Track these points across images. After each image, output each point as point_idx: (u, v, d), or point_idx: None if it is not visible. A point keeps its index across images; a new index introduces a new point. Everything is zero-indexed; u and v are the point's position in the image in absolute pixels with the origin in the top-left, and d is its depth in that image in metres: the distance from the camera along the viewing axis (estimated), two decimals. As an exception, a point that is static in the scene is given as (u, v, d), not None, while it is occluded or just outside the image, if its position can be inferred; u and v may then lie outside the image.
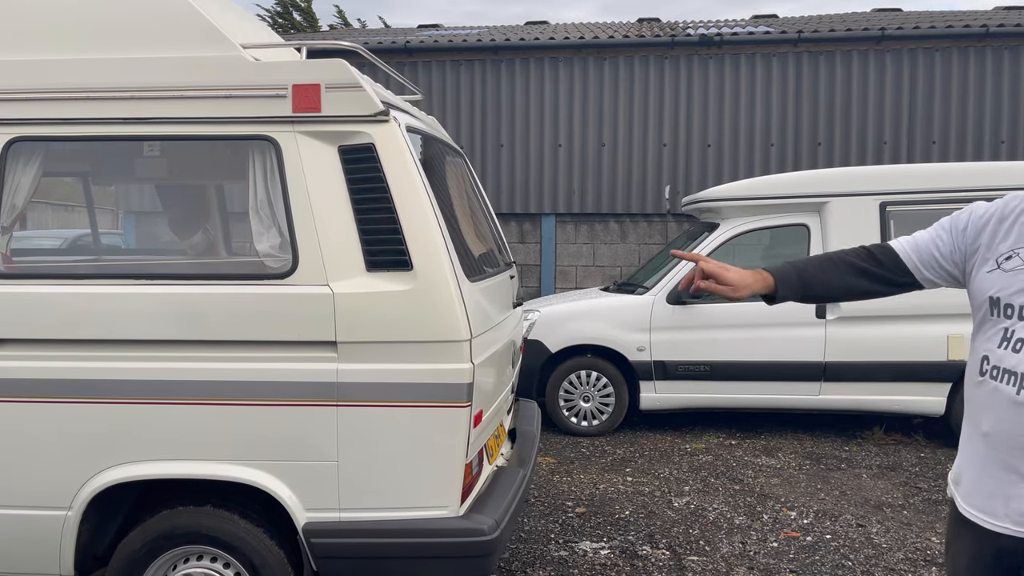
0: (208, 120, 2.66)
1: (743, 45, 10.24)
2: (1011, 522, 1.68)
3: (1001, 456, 1.69)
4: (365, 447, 2.59)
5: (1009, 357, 1.67)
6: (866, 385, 6.09)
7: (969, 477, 1.79)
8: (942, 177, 6.11)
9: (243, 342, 2.60)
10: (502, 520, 2.69)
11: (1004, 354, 1.68)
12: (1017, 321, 1.68)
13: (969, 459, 1.79)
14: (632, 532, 4.33)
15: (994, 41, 9.81)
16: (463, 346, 2.59)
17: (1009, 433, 1.67)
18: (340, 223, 2.61)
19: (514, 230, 10.88)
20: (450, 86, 10.83)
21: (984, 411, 1.73)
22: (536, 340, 6.48)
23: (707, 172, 10.37)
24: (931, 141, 9.96)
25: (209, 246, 3.67)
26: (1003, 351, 1.69)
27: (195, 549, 2.71)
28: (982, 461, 1.74)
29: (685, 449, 6.05)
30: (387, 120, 2.64)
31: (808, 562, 3.94)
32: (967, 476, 1.79)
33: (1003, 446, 1.69)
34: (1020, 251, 1.72)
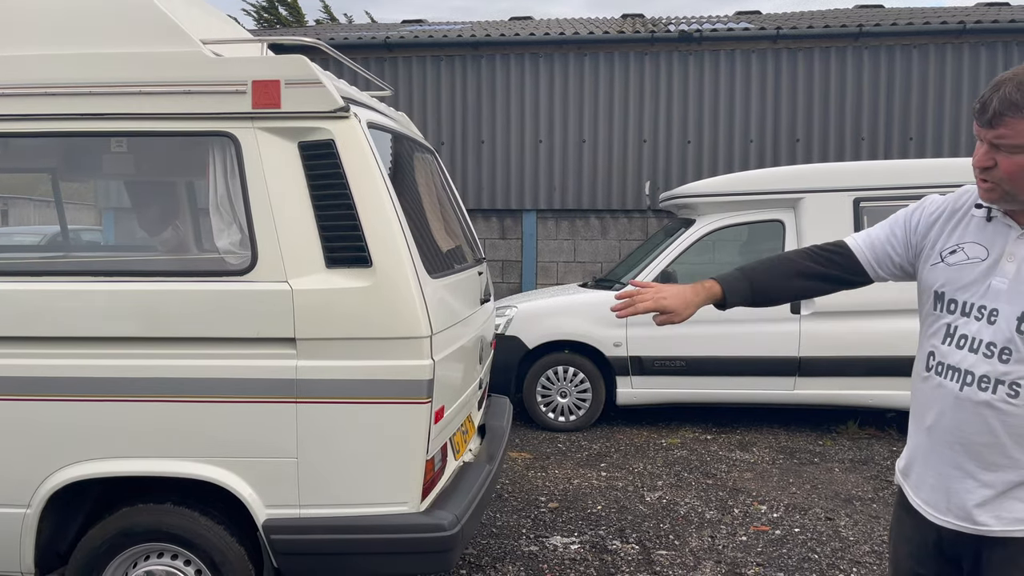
0: (168, 116, 2.65)
1: (723, 41, 10.27)
2: (953, 516, 1.70)
3: (943, 451, 1.71)
4: (325, 443, 2.60)
5: (953, 353, 1.69)
6: (840, 380, 6.14)
7: (916, 469, 1.81)
8: (915, 173, 6.16)
9: (202, 339, 2.60)
10: (463, 516, 2.70)
11: (948, 350, 1.70)
12: (960, 317, 1.69)
13: (915, 452, 1.82)
14: (603, 527, 4.36)
15: (971, 38, 9.88)
16: (423, 342, 2.59)
17: (951, 429, 1.69)
18: (300, 220, 2.61)
19: (495, 226, 10.88)
20: (431, 82, 10.80)
21: (928, 406, 1.75)
22: (513, 336, 6.50)
23: (687, 168, 10.40)
24: (908, 138, 10.03)
25: (179, 243, 3.66)
26: (947, 347, 1.70)
27: (156, 546, 2.71)
28: (926, 455, 1.76)
29: (660, 444, 6.08)
30: (347, 116, 2.63)
31: (775, 555, 3.98)
32: (914, 468, 1.82)
33: (945, 441, 1.71)
34: (965, 246, 1.73)
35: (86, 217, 4.41)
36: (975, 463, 1.66)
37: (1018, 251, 1.63)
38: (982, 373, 1.62)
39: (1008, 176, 1.57)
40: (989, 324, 1.63)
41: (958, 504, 1.69)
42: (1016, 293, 1.60)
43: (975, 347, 1.64)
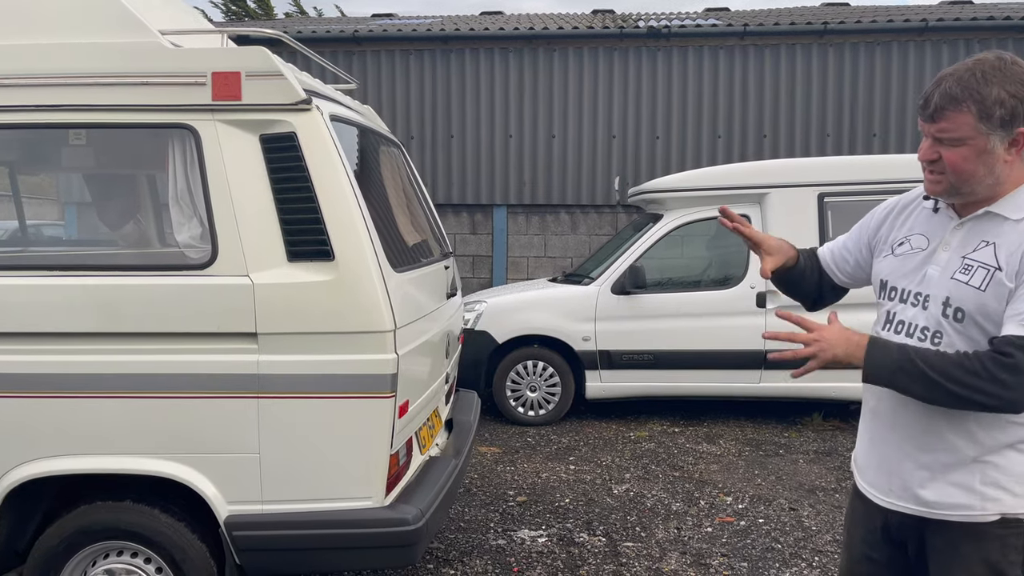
0: (126, 108, 2.61)
1: (691, 37, 10.33)
2: (895, 497, 1.75)
3: (885, 434, 1.77)
4: (288, 439, 2.58)
5: (892, 338, 1.74)
6: (805, 372, 6.21)
7: (863, 453, 1.87)
8: (878, 168, 6.25)
9: (162, 334, 2.57)
10: (428, 510, 2.69)
11: (888, 335, 1.76)
12: (898, 303, 1.76)
13: (862, 436, 1.89)
14: (571, 520, 4.38)
15: (933, 35, 10.04)
16: (386, 337, 2.58)
17: (890, 411, 1.75)
18: (261, 213, 2.58)
19: (466, 221, 10.87)
20: (399, 76, 10.75)
21: (872, 390, 1.82)
22: (483, 331, 6.50)
23: (656, 163, 10.46)
24: (872, 134, 10.18)
25: (140, 237, 3.60)
26: (887, 333, 1.76)
27: (115, 544, 2.67)
28: (871, 438, 1.83)
29: (629, 437, 6.12)
30: (309, 109, 2.61)
31: (739, 546, 4.03)
32: (862, 452, 1.88)
33: (886, 424, 1.77)
34: (912, 237, 1.80)
35: (47, 211, 4.33)
36: (912, 445, 1.71)
37: (953, 240, 1.69)
38: None
39: (952, 168, 1.62)
40: (923, 310, 1.69)
41: (900, 486, 1.75)
42: (944, 279, 1.66)
43: (911, 332, 1.70)
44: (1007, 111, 1.55)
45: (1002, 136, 1.58)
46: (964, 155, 1.60)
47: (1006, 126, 1.57)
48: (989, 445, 1.63)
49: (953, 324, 1.63)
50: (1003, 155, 1.60)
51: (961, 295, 1.62)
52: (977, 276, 1.61)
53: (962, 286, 1.62)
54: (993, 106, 1.55)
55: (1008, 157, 1.60)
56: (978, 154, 1.59)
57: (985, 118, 1.56)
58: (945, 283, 1.66)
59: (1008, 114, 1.55)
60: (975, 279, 1.61)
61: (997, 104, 1.55)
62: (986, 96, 1.55)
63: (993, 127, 1.57)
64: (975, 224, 1.67)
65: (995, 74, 1.56)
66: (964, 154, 1.60)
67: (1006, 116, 1.56)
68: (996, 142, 1.58)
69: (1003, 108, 1.55)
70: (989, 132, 1.57)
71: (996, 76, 1.56)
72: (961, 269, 1.64)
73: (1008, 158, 1.60)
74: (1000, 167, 1.61)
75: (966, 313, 1.61)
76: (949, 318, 1.64)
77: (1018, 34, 9.94)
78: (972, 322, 1.61)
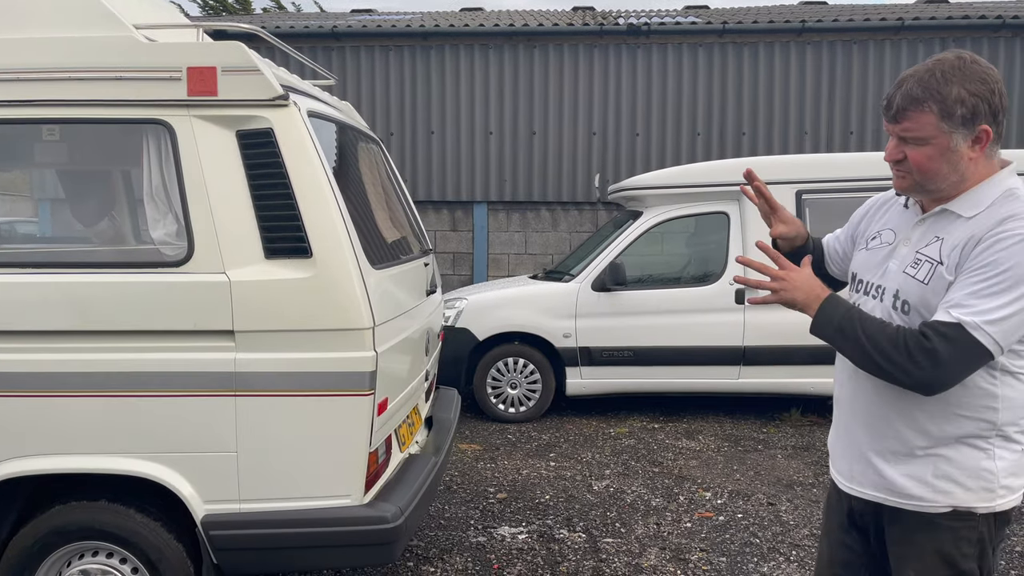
0: (99, 103, 2.58)
1: (670, 35, 10.37)
2: (855, 483, 1.82)
3: (848, 422, 1.85)
4: (265, 437, 2.56)
5: None
6: (784, 368, 6.27)
7: (831, 440, 1.94)
8: (854, 166, 6.31)
9: (137, 332, 2.54)
10: (407, 508, 2.68)
11: None
12: (862, 296, 1.84)
13: (833, 425, 1.93)
14: (551, 516, 4.39)
15: (909, 34, 10.15)
16: (365, 334, 2.57)
17: (849, 400, 1.82)
18: (238, 209, 2.56)
19: (446, 218, 10.85)
20: (379, 72, 10.70)
21: (838, 379, 1.90)
22: (463, 328, 6.49)
23: (636, 161, 10.49)
24: (849, 131, 10.28)
25: (115, 233, 3.56)
26: None
27: (90, 545, 2.64)
28: (837, 427, 1.91)
29: (609, 433, 6.14)
30: (286, 104, 2.59)
31: (718, 541, 4.05)
32: (831, 440, 1.95)
33: (848, 411, 1.85)
34: (883, 232, 1.86)
35: (20, 208, 4.26)
36: (866, 433, 1.77)
37: (913, 235, 1.75)
38: None
39: (917, 167, 1.66)
40: (880, 302, 1.75)
41: (860, 472, 1.80)
42: (898, 273, 1.72)
43: None
44: (968, 109, 1.59)
45: (964, 134, 1.61)
46: (928, 154, 1.63)
47: (968, 124, 1.60)
48: (938, 436, 1.67)
49: (901, 316, 1.69)
50: (967, 152, 1.63)
51: (908, 288, 1.68)
52: (923, 270, 1.67)
53: (909, 279, 1.69)
54: (954, 105, 1.58)
55: (972, 154, 1.64)
56: (942, 152, 1.63)
57: (947, 117, 1.59)
58: (898, 276, 1.72)
59: (969, 112, 1.59)
60: (921, 273, 1.67)
61: (958, 103, 1.58)
62: (947, 95, 1.58)
63: (955, 126, 1.60)
64: (934, 220, 1.72)
65: (955, 73, 1.59)
66: (928, 153, 1.63)
67: (967, 114, 1.59)
68: (959, 140, 1.62)
69: (964, 107, 1.58)
70: (951, 131, 1.61)
71: (956, 75, 1.59)
72: (912, 263, 1.70)
73: (972, 155, 1.64)
74: (964, 164, 1.64)
75: (911, 305, 1.68)
76: (898, 310, 1.70)
77: (992, 33, 10.07)
78: (917, 314, 1.66)
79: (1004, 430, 1.66)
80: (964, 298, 1.56)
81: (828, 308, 1.69)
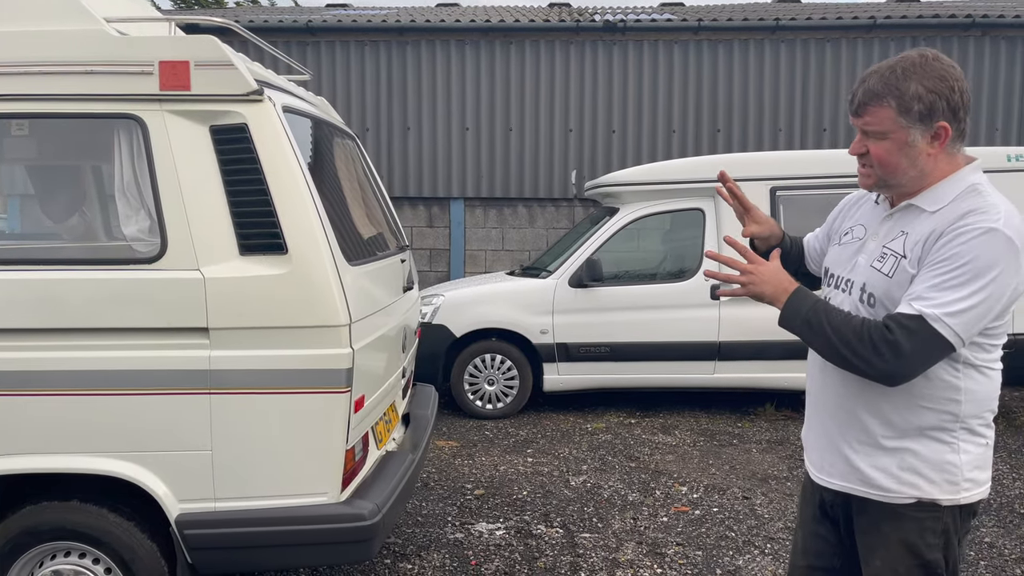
0: (70, 97, 2.54)
1: (646, 32, 10.41)
2: (825, 474, 1.87)
3: (818, 413, 1.90)
4: (241, 435, 2.54)
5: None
6: (758, 364, 6.33)
7: (804, 432, 1.98)
8: (828, 163, 6.37)
9: (110, 329, 2.50)
10: (384, 505, 2.68)
11: None
12: (833, 289, 1.88)
13: (805, 418, 1.97)
14: (528, 512, 4.39)
15: (881, 33, 10.27)
16: (341, 331, 2.55)
17: (819, 393, 1.87)
18: (212, 206, 2.53)
19: (423, 214, 10.81)
20: (355, 67, 10.63)
21: (810, 372, 1.94)
22: (441, 324, 6.48)
23: (612, 157, 10.52)
24: (822, 128, 10.38)
25: (86, 230, 3.51)
26: None
27: (62, 545, 2.60)
28: (809, 418, 1.95)
29: (586, 429, 6.16)
30: (261, 100, 2.57)
31: (694, 535, 4.09)
32: (804, 432, 1.98)
33: (817, 403, 1.89)
34: (854, 228, 1.91)
35: (9, 204, 4.19)
36: (834, 424, 1.81)
37: (881, 230, 1.79)
38: None
39: (878, 161, 1.71)
40: (848, 295, 1.79)
41: (829, 462, 1.84)
42: (866, 267, 1.76)
43: None
44: (925, 106, 1.63)
45: (922, 130, 1.66)
46: (887, 148, 1.68)
47: (925, 120, 1.65)
48: (902, 427, 1.71)
49: (867, 308, 1.73)
50: (925, 148, 1.67)
51: (874, 281, 1.73)
52: (887, 264, 1.71)
53: (875, 273, 1.73)
54: (911, 101, 1.63)
55: (931, 151, 1.68)
56: (900, 147, 1.67)
57: (904, 112, 1.64)
58: (865, 270, 1.76)
59: (926, 108, 1.63)
60: (886, 266, 1.71)
61: (915, 99, 1.63)
62: (904, 91, 1.63)
63: (912, 121, 1.65)
64: (900, 215, 1.76)
65: (914, 70, 1.64)
66: (887, 147, 1.68)
67: (924, 110, 1.63)
68: (917, 136, 1.66)
69: (921, 103, 1.63)
70: (909, 126, 1.65)
71: (915, 72, 1.64)
72: (878, 257, 1.74)
73: (931, 151, 1.68)
74: (923, 160, 1.68)
75: (876, 298, 1.72)
76: (864, 303, 1.74)
77: (962, 32, 10.22)
78: (882, 306, 1.70)
79: (968, 423, 1.69)
80: (925, 291, 1.60)
81: (795, 301, 1.73)
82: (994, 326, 1.65)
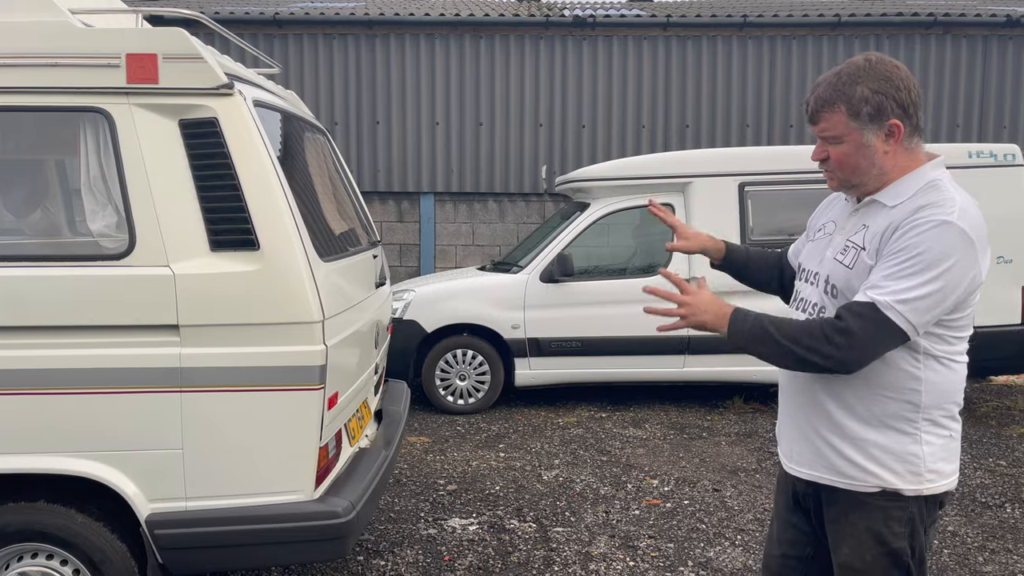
0: (33, 90, 2.48)
1: (615, 27, 10.45)
2: (795, 463, 1.92)
3: (789, 406, 1.94)
4: (213, 434, 2.51)
5: (796, 314, 1.90)
6: (727, 357, 6.40)
7: (778, 425, 2.01)
8: (796, 159, 6.45)
9: (76, 327, 2.46)
10: (358, 502, 2.66)
11: (794, 312, 1.93)
12: (803, 283, 1.93)
13: (779, 409, 2.00)
14: (501, 507, 4.40)
15: (846, 30, 10.42)
16: (315, 327, 2.53)
17: (792, 384, 1.91)
18: (182, 201, 2.50)
19: (392, 209, 10.75)
20: (323, 60, 10.53)
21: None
22: (412, 320, 6.45)
23: (582, 152, 10.55)
24: (789, 125, 10.51)
25: (50, 225, 3.43)
26: (794, 310, 1.95)
27: (29, 547, 2.56)
28: (783, 410, 1.98)
29: (557, 423, 6.19)
30: (231, 93, 2.53)
31: (666, 527, 4.13)
32: (778, 424, 2.02)
33: (787, 396, 1.93)
34: (826, 224, 1.96)
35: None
36: (803, 415, 1.86)
37: (847, 225, 1.85)
38: None
39: (838, 164, 1.77)
40: (814, 287, 1.85)
41: (799, 451, 1.89)
42: (831, 260, 1.82)
43: (806, 308, 1.87)
44: (872, 107, 1.69)
45: (875, 130, 1.71)
46: (845, 151, 1.74)
47: (875, 120, 1.70)
48: (865, 416, 1.75)
49: (831, 300, 1.79)
50: (881, 147, 1.73)
51: (836, 273, 1.78)
52: (849, 256, 1.77)
53: (838, 265, 1.79)
54: (859, 104, 1.69)
55: (887, 148, 1.73)
56: (856, 148, 1.73)
57: (854, 115, 1.70)
58: (829, 263, 1.82)
59: (874, 109, 1.69)
60: (847, 259, 1.77)
61: (863, 101, 1.69)
62: (852, 95, 1.69)
63: (863, 123, 1.71)
64: (865, 210, 1.81)
65: (860, 74, 1.70)
66: (845, 150, 1.74)
67: (872, 111, 1.69)
68: (871, 136, 1.72)
69: (868, 104, 1.69)
70: (861, 128, 1.71)
71: (861, 76, 1.69)
72: (841, 250, 1.80)
73: (887, 149, 1.73)
74: (880, 158, 1.74)
75: (839, 289, 1.77)
76: (828, 295, 1.80)
77: (924, 30, 10.41)
78: (843, 297, 1.75)
79: (930, 414, 1.73)
80: (879, 280, 1.65)
81: (737, 321, 1.76)
82: (954, 318, 1.69)
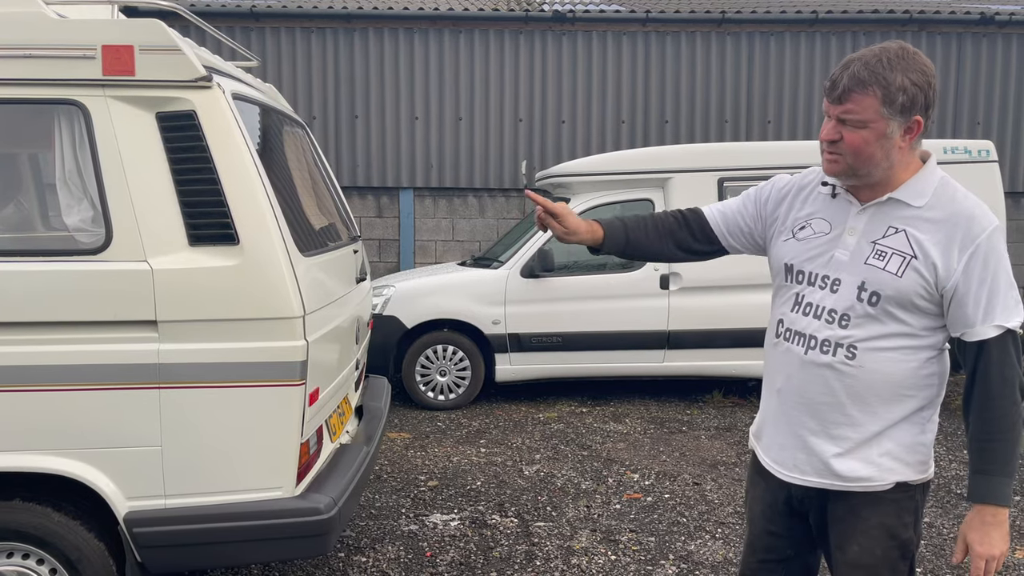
0: (5, 82, 2.43)
1: (595, 23, 10.44)
2: (799, 472, 1.84)
3: (791, 412, 1.85)
4: (192, 430, 2.48)
5: (799, 320, 1.82)
6: (706, 352, 6.45)
7: (767, 431, 1.95)
8: (774, 154, 6.50)
9: (52, 323, 2.42)
10: (340, 498, 2.65)
11: (795, 317, 1.83)
12: (807, 287, 1.83)
13: (766, 415, 1.96)
14: (483, 502, 4.40)
15: (823, 27, 10.49)
16: (295, 323, 2.51)
17: (797, 390, 1.83)
18: (159, 195, 2.46)
19: (371, 204, 10.69)
20: (301, 54, 10.43)
21: (777, 370, 1.88)
22: (392, 316, 6.43)
23: (562, 148, 10.55)
24: (767, 120, 10.58)
25: (23, 220, 3.37)
26: (795, 314, 1.84)
27: (5, 546, 2.52)
28: (776, 417, 1.90)
29: (538, 418, 6.19)
30: (210, 86, 2.50)
31: (647, 521, 4.15)
32: (766, 431, 1.95)
33: (792, 402, 1.85)
34: (812, 221, 1.87)
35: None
36: (817, 422, 1.81)
37: (858, 225, 1.77)
38: (824, 337, 1.76)
39: (852, 150, 1.69)
40: (832, 293, 1.77)
41: (804, 460, 1.84)
42: (856, 264, 1.74)
43: (819, 314, 1.78)
44: (908, 98, 1.64)
45: (900, 122, 1.67)
46: (865, 138, 1.67)
47: (905, 113, 1.66)
48: (887, 418, 1.74)
49: (867, 307, 1.72)
50: (899, 141, 1.69)
51: (879, 280, 1.71)
52: (893, 263, 1.70)
53: (878, 271, 1.71)
54: (897, 92, 1.63)
55: (902, 144, 1.70)
56: (878, 137, 1.67)
57: (888, 103, 1.64)
58: (859, 268, 1.74)
59: (909, 101, 1.64)
60: (891, 265, 1.70)
61: (900, 91, 1.63)
62: (891, 82, 1.63)
63: (894, 112, 1.65)
64: (878, 210, 1.76)
65: (899, 62, 1.64)
66: (865, 136, 1.67)
67: (907, 103, 1.64)
68: (895, 128, 1.67)
69: (905, 95, 1.64)
70: (890, 117, 1.65)
71: (900, 64, 1.64)
72: (874, 255, 1.72)
73: (902, 144, 1.70)
74: (895, 153, 1.70)
75: (882, 297, 1.70)
76: (864, 301, 1.72)
77: (900, 27, 10.51)
78: (891, 303, 1.70)
79: (935, 403, 1.78)
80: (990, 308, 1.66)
81: (1005, 485, 1.70)
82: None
